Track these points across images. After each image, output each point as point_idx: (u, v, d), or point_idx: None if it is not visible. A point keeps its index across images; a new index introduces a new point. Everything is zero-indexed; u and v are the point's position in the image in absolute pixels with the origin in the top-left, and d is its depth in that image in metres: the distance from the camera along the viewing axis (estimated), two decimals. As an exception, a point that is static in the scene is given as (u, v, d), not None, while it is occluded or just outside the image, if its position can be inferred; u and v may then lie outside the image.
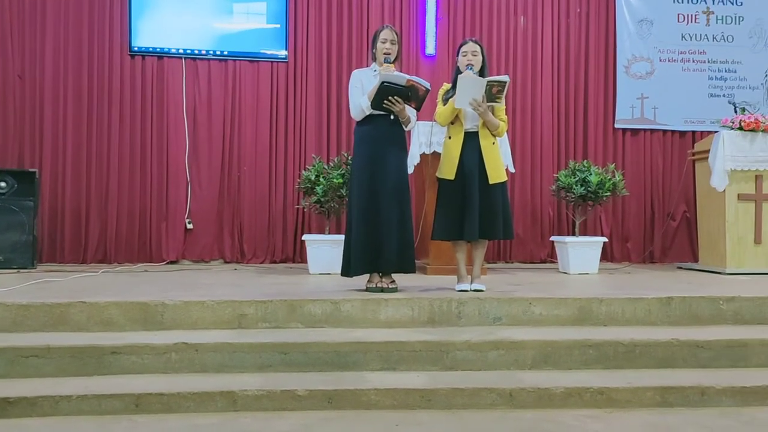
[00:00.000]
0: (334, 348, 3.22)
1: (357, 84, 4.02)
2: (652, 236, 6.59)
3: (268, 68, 6.30)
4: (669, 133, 6.65)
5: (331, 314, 3.56)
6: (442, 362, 3.26)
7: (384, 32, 4.02)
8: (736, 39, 6.67)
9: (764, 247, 5.32)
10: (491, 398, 2.98)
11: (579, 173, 5.50)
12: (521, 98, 6.49)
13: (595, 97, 6.58)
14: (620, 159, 6.54)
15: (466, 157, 4.02)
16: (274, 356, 3.18)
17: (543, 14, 6.54)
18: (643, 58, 6.60)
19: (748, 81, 6.67)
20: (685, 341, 3.36)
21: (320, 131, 6.32)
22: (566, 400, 2.99)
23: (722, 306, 3.73)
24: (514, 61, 6.51)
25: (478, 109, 3.92)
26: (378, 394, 2.93)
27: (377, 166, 3.92)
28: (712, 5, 6.67)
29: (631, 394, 3.02)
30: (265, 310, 3.50)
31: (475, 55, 4.02)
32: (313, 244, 5.26)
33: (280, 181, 6.27)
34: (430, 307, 3.63)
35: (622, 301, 3.71)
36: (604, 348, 3.33)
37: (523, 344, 3.32)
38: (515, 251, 6.44)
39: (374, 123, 3.97)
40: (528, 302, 3.68)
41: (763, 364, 3.35)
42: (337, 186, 5.23)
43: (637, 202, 6.55)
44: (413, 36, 6.44)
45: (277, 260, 6.21)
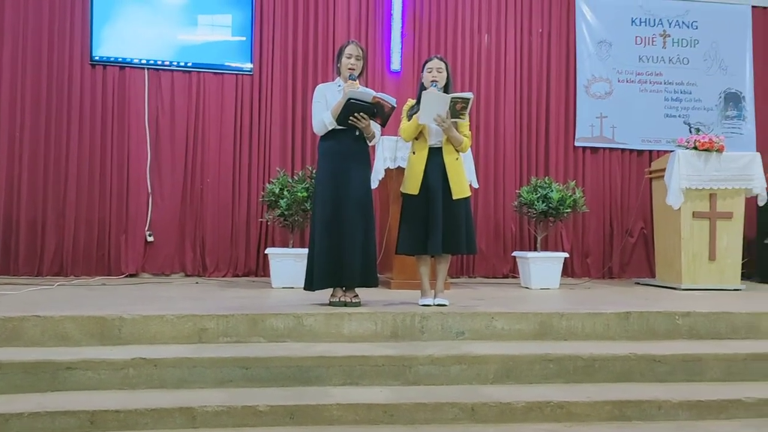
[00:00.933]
0: (296, 362, 3.19)
1: (321, 99, 4.03)
2: (611, 252, 6.73)
3: (232, 80, 6.26)
4: (627, 151, 6.82)
5: (294, 328, 3.52)
6: (405, 377, 3.26)
7: (349, 47, 4.04)
8: (691, 61, 6.90)
9: (718, 263, 5.47)
10: (453, 413, 2.98)
11: (541, 190, 5.59)
12: (485, 115, 6.58)
13: (557, 115, 6.72)
14: (580, 176, 6.68)
15: (430, 172, 4.05)
16: (235, 371, 3.14)
17: (506, 33, 6.67)
18: (602, 79, 6.77)
19: (702, 102, 6.89)
20: (643, 355, 3.43)
21: (285, 144, 6.30)
22: (527, 415, 3.02)
23: (678, 321, 3.82)
24: (478, 79, 6.61)
25: (442, 125, 3.97)
26: (340, 409, 2.91)
27: (341, 180, 3.92)
28: (668, 28, 6.90)
29: (590, 408, 3.06)
30: (227, 325, 3.45)
31: (440, 71, 4.07)
32: (276, 257, 5.22)
33: (243, 193, 6.22)
34: (393, 322, 3.62)
35: (582, 315, 3.77)
36: (565, 362, 3.37)
37: (486, 359, 3.34)
38: (478, 266, 6.50)
39: (338, 138, 3.98)
40: (490, 317, 3.71)
41: (717, 378, 3.43)
42: (301, 199, 5.22)
43: (596, 218, 6.69)
44: (379, 51, 6.49)
45: (239, 274, 6.14)
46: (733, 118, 6.92)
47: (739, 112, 6.94)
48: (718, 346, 3.61)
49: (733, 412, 3.13)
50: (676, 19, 6.89)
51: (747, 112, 6.94)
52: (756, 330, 3.85)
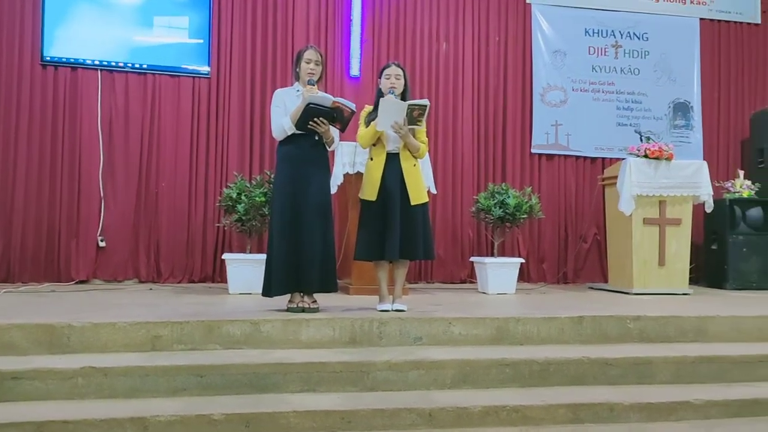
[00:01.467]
0: (253, 370, 3.16)
1: (279, 104, 4.00)
2: (565, 257, 6.85)
3: (189, 83, 6.17)
4: (581, 158, 6.96)
5: (251, 335, 3.49)
6: (363, 383, 3.25)
7: (308, 52, 4.03)
8: (642, 72, 7.10)
9: (667, 268, 5.63)
10: (411, 419, 2.99)
11: (498, 196, 5.66)
12: (443, 122, 6.64)
13: (513, 122, 6.82)
14: (536, 183, 6.79)
15: (388, 178, 4.07)
16: (189, 379, 3.08)
17: (464, 41, 6.74)
18: (557, 87, 6.91)
19: (652, 111, 7.09)
20: (595, 359, 3.50)
21: (242, 149, 6.23)
22: (484, 419, 3.04)
23: (629, 325, 3.91)
24: (437, 86, 6.67)
25: (400, 132, 3.99)
26: (297, 416, 2.88)
27: (299, 185, 3.91)
28: (620, 39, 7.08)
29: (544, 412, 3.10)
30: (181, 332, 3.39)
31: (398, 78, 4.09)
32: (233, 263, 5.15)
33: (200, 198, 6.12)
34: (351, 328, 3.62)
35: (537, 320, 3.83)
36: (520, 366, 3.42)
37: (443, 364, 3.36)
38: (436, 272, 6.54)
39: (297, 143, 3.96)
40: (448, 322, 3.74)
41: (666, 381, 3.53)
42: (259, 204, 5.16)
43: (552, 224, 6.80)
44: (338, 57, 6.48)
45: (195, 280, 6.04)
46: (682, 127, 7.15)
47: (687, 122, 7.16)
48: (668, 350, 3.72)
49: (682, 413, 3.22)
50: (627, 31, 7.08)
51: (694, 121, 7.17)
52: (704, 333, 3.97)
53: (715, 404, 3.27)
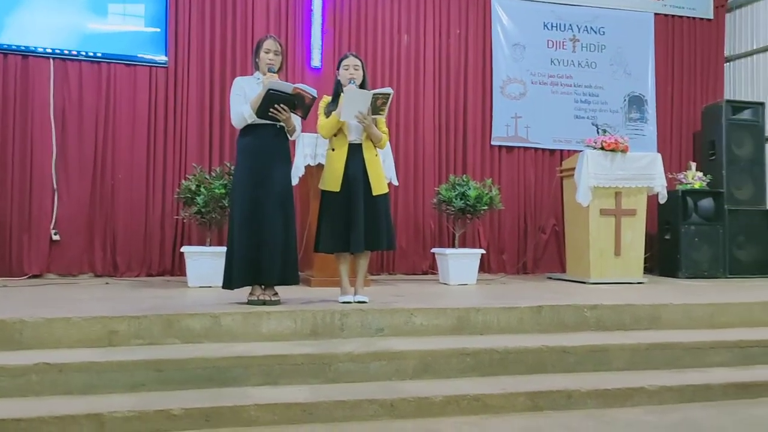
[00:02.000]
0: (213, 363, 3.12)
1: (239, 92, 3.95)
2: (525, 248, 6.95)
3: (146, 72, 6.03)
4: (540, 150, 7.06)
5: (211, 329, 3.44)
6: (325, 375, 3.25)
7: (267, 42, 3.98)
8: (598, 65, 7.23)
9: (623, 258, 5.76)
10: (373, 409, 3.00)
11: (458, 187, 5.71)
12: (404, 114, 6.65)
13: (474, 114, 6.87)
14: (497, 174, 6.86)
15: (350, 169, 4.06)
16: (147, 374, 3.03)
17: (425, 33, 6.76)
18: (516, 80, 6.98)
19: (609, 105, 7.23)
20: (554, 347, 3.57)
21: (202, 140, 6.13)
22: (445, 408, 3.07)
23: (586, 313, 3.99)
24: (398, 77, 6.66)
25: (364, 122, 3.98)
26: (258, 409, 2.86)
27: (261, 176, 3.86)
28: (578, 33, 7.19)
29: (504, 400, 3.15)
30: (139, 326, 3.33)
31: (357, 69, 4.07)
32: (192, 256, 5.07)
33: (158, 190, 6.01)
34: (313, 320, 3.60)
35: (497, 310, 3.88)
36: (481, 356, 3.46)
37: (404, 354, 3.38)
38: (398, 263, 6.56)
39: (258, 133, 3.91)
40: (410, 313, 3.75)
41: (622, 368, 3.61)
42: (219, 196, 5.09)
43: (511, 215, 6.89)
44: (299, 47, 6.42)
45: (153, 273, 5.93)
46: (637, 120, 7.31)
47: (642, 115, 7.33)
48: (623, 337, 3.81)
49: (637, 399, 3.30)
50: (585, 25, 7.20)
51: (649, 114, 7.35)
52: (657, 321, 4.09)
53: (668, 390, 3.36)
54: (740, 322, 4.19)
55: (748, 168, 6.95)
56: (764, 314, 4.28)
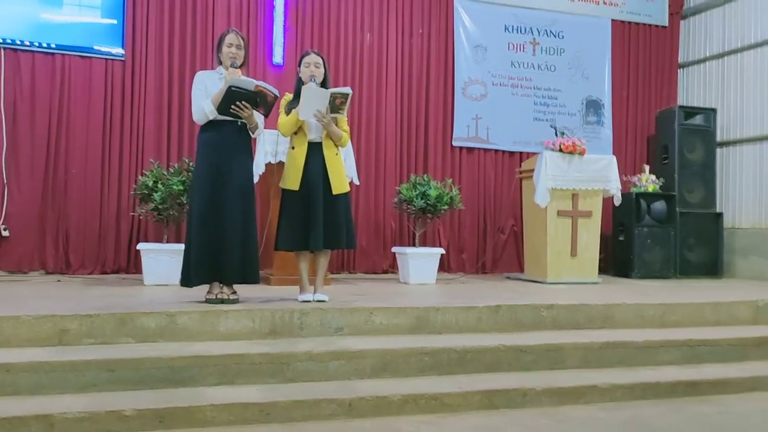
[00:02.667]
0: (168, 363, 3.07)
1: (200, 87, 3.89)
2: (484, 248, 7.03)
3: (102, 65, 5.88)
4: (500, 152, 7.14)
5: (167, 327, 3.39)
6: (283, 374, 3.23)
7: (229, 36, 3.93)
8: (557, 69, 7.35)
9: (579, 259, 5.88)
10: (331, 409, 3.00)
11: (419, 187, 5.74)
12: (366, 112, 6.65)
13: (435, 115, 6.91)
14: (457, 175, 6.91)
15: (310, 167, 4.04)
16: (99, 374, 2.96)
17: (388, 33, 6.76)
18: (478, 82, 7.05)
19: (567, 108, 7.37)
20: (511, 346, 3.62)
21: (160, 135, 6.01)
22: (403, 407, 3.09)
23: (543, 313, 4.06)
24: (360, 76, 6.66)
25: (323, 121, 3.96)
26: (214, 410, 2.83)
27: (221, 173, 3.81)
28: (538, 37, 7.30)
29: (462, 399, 3.18)
30: (91, 325, 3.25)
31: (318, 67, 4.06)
32: (148, 253, 4.97)
33: (113, 186, 5.87)
34: (271, 319, 3.58)
35: (456, 309, 3.91)
36: (439, 355, 3.49)
37: (363, 353, 3.38)
38: (359, 262, 6.56)
39: (220, 129, 3.86)
40: (369, 312, 3.76)
41: (576, 366, 3.70)
42: (177, 193, 5.01)
43: (471, 215, 6.96)
44: (261, 43, 6.36)
45: (108, 271, 5.80)
46: (594, 123, 7.46)
47: (599, 118, 7.49)
48: (578, 336, 3.89)
49: (590, 397, 3.38)
50: (545, 29, 7.31)
51: (605, 118, 7.51)
52: (611, 320, 4.19)
53: (620, 387, 3.45)
54: (689, 322, 4.33)
55: (700, 172, 7.17)
56: (712, 314, 4.42)
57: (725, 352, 3.98)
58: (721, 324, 4.38)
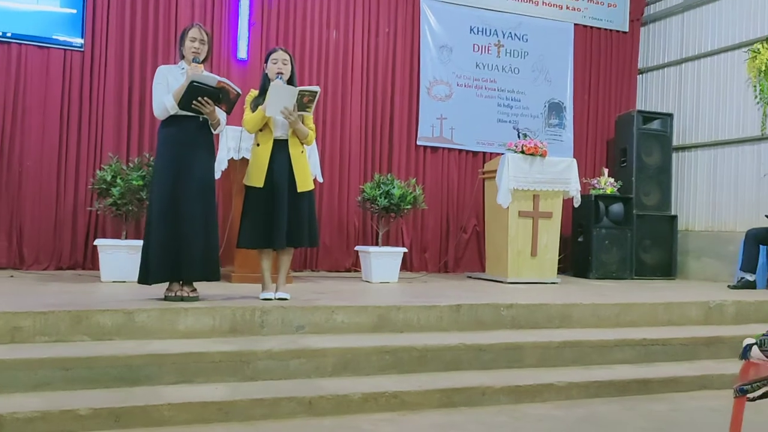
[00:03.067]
0: (124, 362, 3.02)
1: (162, 81, 3.83)
2: (447, 247, 7.08)
3: (60, 56, 5.74)
4: (464, 152, 7.21)
5: (124, 325, 3.33)
6: (243, 373, 3.21)
7: (192, 31, 3.88)
8: (521, 71, 7.45)
9: (539, 259, 5.97)
10: (291, 407, 2.99)
11: (383, 186, 5.75)
12: (331, 110, 6.63)
13: (400, 114, 6.93)
14: (421, 174, 6.95)
15: (276, 164, 4.02)
16: (53, 373, 2.90)
17: (354, 31, 6.75)
18: (443, 82, 7.10)
19: (530, 110, 7.47)
20: (471, 345, 3.66)
21: (119, 129, 5.89)
22: (363, 405, 3.10)
23: (503, 312, 4.12)
24: (326, 73, 6.63)
25: (290, 118, 3.95)
26: (172, 409, 2.79)
27: (182, 169, 3.76)
28: (502, 39, 7.39)
29: (421, 397, 3.21)
30: (45, 322, 3.18)
31: (285, 63, 4.04)
32: (106, 249, 4.87)
33: (70, 180, 5.74)
34: (232, 317, 3.55)
35: (417, 308, 3.94)
36: (400, 353, 3.51)
37: (324, 352, 3.38)
38: (322, 260, 6.54)
39: (181, 124, 3.81)
40: (331, 310, 3.76)
41: (534, 365, 3.76)
42: (136, 188, 4.92)
43: (434, 215, 7.00)
44: (225, 38, 6.28)
45: (63, 267, 5.66)
46: (555, 126, 7.59)
47: (560, 121, 7.62)
48: (536, 335, 3.96)
49: (547, 395, 3.45)
50: (509, 31, 7.40)
51: (567, 120, 7.64)
52: (568, 319, 4.27)
53: (576, 385, 3.52)
54: (644, 322, 4.44)
55: (656, 176, 7.36)
56: (665, 314, 4.54)
57: (677, 352, 4.10)
58: (674, 324, 4.51)
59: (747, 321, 4.68)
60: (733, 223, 6.91)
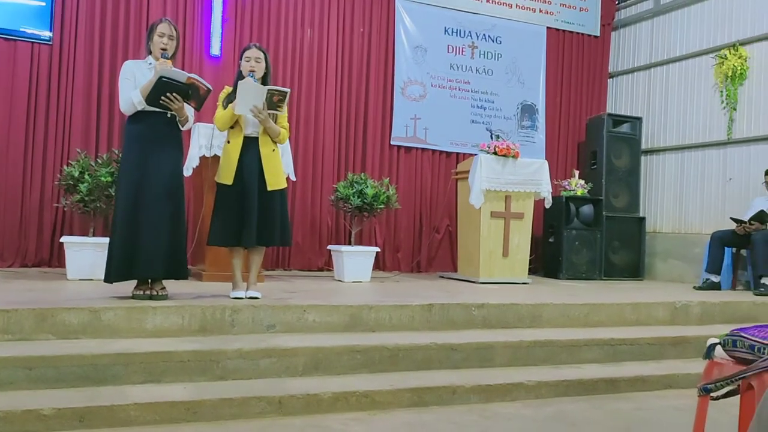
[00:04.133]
0: (90, 361, 2.96)
1: (129, 76, 3.77)
2: (419, 247, 7.10)
3: (27, 49, 5.62)
4: (437, 152, 7.23)
5: (90, 324, 3.27)
6: (212, 372, 3.18)
7: (161, 26, 3.82)
8: (495, 73, 7.50)
9: (510, 259, 6.02)
10: (260, 407, 2.96)
11: (356, 185, 5.74)
12: (305, 109, 6.60)
13: (374, 113, 6.93)
14: (394, 174, 6.96)
15: (246, 162, 3.99)
16: (16, 372, 2.83)
17: (329, 30, 6.73)
18: (417, 82, 7.12)
19: (503, 111, 7.53)
20: (442, 344, 3.67)
21: (88, 124, 5.79)
22: (333, 405, 3.09)
23: (474, 312, 4.15)
24: (300, 72, 6.60)
25: (259, 117, 3.92)
26: (138, 409, 2.75)
27: (149, 166, 3.71)
28: (476, 41, 7.43)
29: (392, 396, 3.21)
30: (8, 321, 3.11)
31: (259, 61, 4.00)
32: (72, 246, 4.78)
33: (36, 175, 5.62)
34: (202, 315, 3.51)
35: (389, 308, 3.94)
36: (371, 353, 3.50)
37: (295, 351, 3.36)
38: (294, 259, 6.51)
39: (148, 120, 3.75)
40: (302, 309, 3.74)
41: (505, 364, 3.79)
42: (104, 184, 4.84)
43: (407, 215, 7.02)
44: (198, 34, 6.21)
45: (29, 264, 5.54)
46: (528, 127, 7.66)
47: (533, 123, 7.69)
48: (507, 335, 3.99)
49: (517, 394, 3.47)
50: (483, 33, 7.45)
51: (539, 123, 7.72)
52: (539, 319, 4.31)
53: (545, 384, 3.56)
54: (611, 322, 4.51)
55: (625, 178, 7.47)
56: (633, 314, 4.62)
57: (644, 351, 4.16)
58: (641, 324, 4.59)
59: (712, 321, 4.78)
60: (699, 225, 7.06)
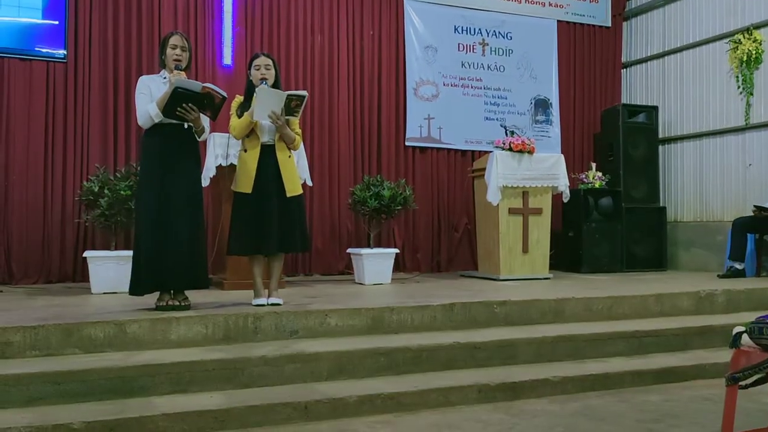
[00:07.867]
0: (117, 374, 3.00)
1: (144, 90, 3.81)
2: (439, 247, 7.09)
3: (43, 68, 5.70)
4: (452, 151, 7.21)
5: (116, 337, 3.31)
6: (238, 380, 3.20)
7: (174, 38, 3.86)
8: (506, 69, 7.47)
9: (530, 255, 5.99)
10: (287, 413, 2.98)
11: (373, 188, 5.75)
12: (319, 114, 6.62)
13: (388, 115, 6.93)
14: (410, 175, 6.95)
15: (263, 170, 4.01)
16: (45, 388, 2.88)
17: (339, 34, 6.75)
18: (429, 82, 7.11)
19: (516, 107, 7.49)
20: (465, 344, 3.67)
21: (105, 139, 5.86)
22: (359, 408, 3.09)
23: (496, 310, 4.13)
24: (312, 78, 6.62)
25: (277, 123, 3.94)
26: (167, 419, 2.78)
27: (167, 178, 3.75)
28: (487, 37, 7.41)
29: (418, 397, 3.21)
30: (35, 337, 3.16)
31: (269, 68, 4.03)
32: (96, 261, 4.85)
33: (57, 192, 5.70)
34: (225, 324, 3.54)
35: (411, 309, 3.94)
36: (395, 355, 3.51)
37: (319, 356, 3.37)
38: (314, 264, 6.53)
39: (165, 133, 3.79)
40: (324, 314, 3.75)
41: (528, 361, 3.77)
42: (124, 198, 4.89)
43: (425, 215, 7.01)
44: (209, 44, 6.26)
45: (53, 280, 5.62)
46: (542, 122, 7.61)
47: (547, 117, 7.65)
48: (530, 331, 3.97)
49: (542, 390, 3.45)
50: (493, 30, 7.42)
51: (553, 117, 7.67)
52: (561, 315, 4.29)
53: (570, 380, 3.53)
54: (635, 314, 4.47)
55: (643, 168, 7.39)
56: (657, 306, 4.57)
57: (670, 342, 4.12)
58: (666, 315, 4.54)
59: (737, 309, 4.72)
60: (720, 212, 6.96)
